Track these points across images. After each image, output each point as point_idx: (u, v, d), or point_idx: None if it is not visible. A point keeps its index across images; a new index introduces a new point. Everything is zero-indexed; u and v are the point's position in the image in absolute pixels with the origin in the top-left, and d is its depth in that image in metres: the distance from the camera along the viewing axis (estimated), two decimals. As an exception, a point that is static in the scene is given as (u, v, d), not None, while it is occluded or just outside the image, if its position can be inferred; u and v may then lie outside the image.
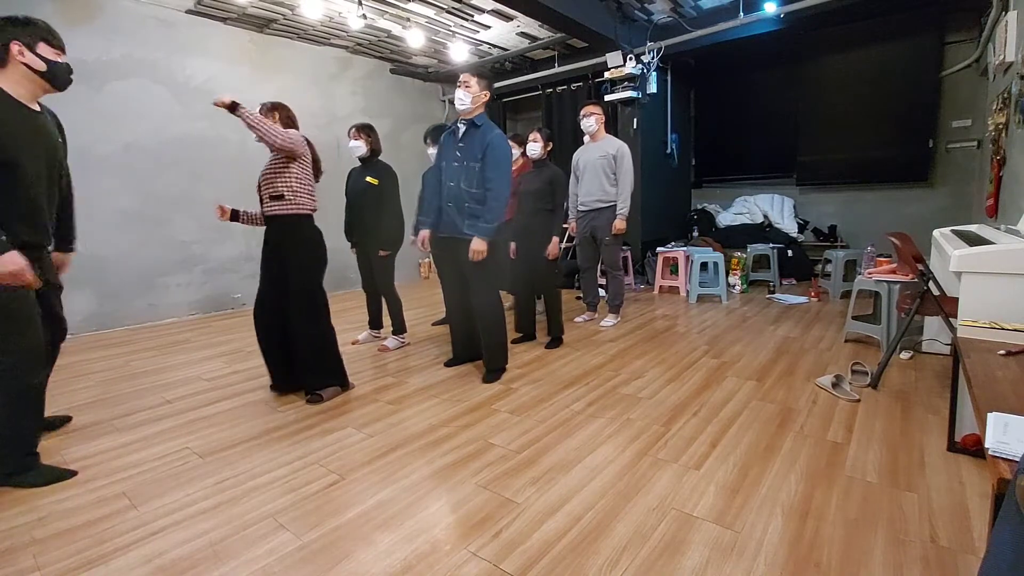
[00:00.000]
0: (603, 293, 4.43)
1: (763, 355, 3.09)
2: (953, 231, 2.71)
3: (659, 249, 5.28)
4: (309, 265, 2.55)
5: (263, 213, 2.56)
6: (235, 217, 2.67)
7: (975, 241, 2.18)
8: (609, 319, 4.07)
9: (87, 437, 2.26)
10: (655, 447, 1.99)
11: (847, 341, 3.29)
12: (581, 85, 6.40)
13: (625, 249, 5.48)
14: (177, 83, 4.69)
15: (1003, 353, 1.48)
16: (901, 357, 2.90)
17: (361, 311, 3.95)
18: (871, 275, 3.14)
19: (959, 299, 1.97)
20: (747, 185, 6.42)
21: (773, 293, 4.89)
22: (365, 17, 4.54)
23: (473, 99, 2.70)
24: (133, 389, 2.88)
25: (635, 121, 5.52)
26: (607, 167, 3.81)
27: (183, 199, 4.73)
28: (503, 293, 3.32)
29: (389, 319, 3.59)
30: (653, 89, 5.50)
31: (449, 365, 3.08)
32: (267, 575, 1.36)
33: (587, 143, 4.03)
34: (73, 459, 2.05)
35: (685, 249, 5.14)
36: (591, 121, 3.92)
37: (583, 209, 3.98)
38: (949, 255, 2.02)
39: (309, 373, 2.56)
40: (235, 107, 2.24)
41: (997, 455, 0.93)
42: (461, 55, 5.74)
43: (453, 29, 5.37)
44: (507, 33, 5.56)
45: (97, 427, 2.36)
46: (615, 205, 3.80)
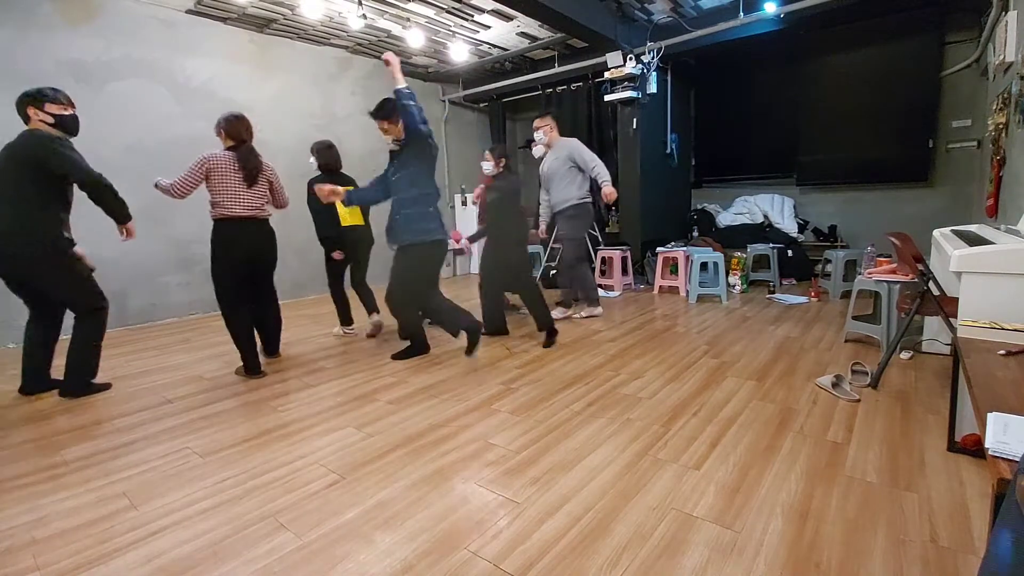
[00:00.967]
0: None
1: (763, 355, 3.09)
2: (953, 231, 2.71)
3: (659, 249, 5.28)
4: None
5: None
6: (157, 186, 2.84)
7: (975, 241, 2.18)
8: (586, 310, 4.25)
9: (87, 437, 2.26)
10: (655, 447, 1.99)
11: (847, 341, 3.29)
12: (581, 85, 6.40)
13: (625, 249, 5.49)
14: (177, 83, 4.69)
15: (1003, 353, 1.48)
16: (901, 357, 2.90)
17: (357, 312, 3.96)
18: (871, 275, 3.14)
19: (959, 299, 1.97)
20: (747, 185, 6.43)
21: (773, 293, 4.89)
22: (365, 17, 4.54)
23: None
24: (133, 389, 2.88)
25: (635, 121, 5.52)
26: (570, 166, 4.08)
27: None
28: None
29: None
30: (653, 89, 5.50)
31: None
32: (267, 575, 1.36)
33: (546, 154, 4.26)
34: (73, 459, 2.05)
35: (685, 249, 5.14)
36: (540, 134, 4.23)
37: (556, 213, 4.23)
38: (949, 255, 2.02)
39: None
40: (157, 185, 2.80)
41: (997, 455, 0.93)
42: (461, 55, 5.74)
43: (453, 29, 5.37)
44: (507, 33, 5.56)
45: (97, 427, 2.36)
46: (583, 203, 4.11)
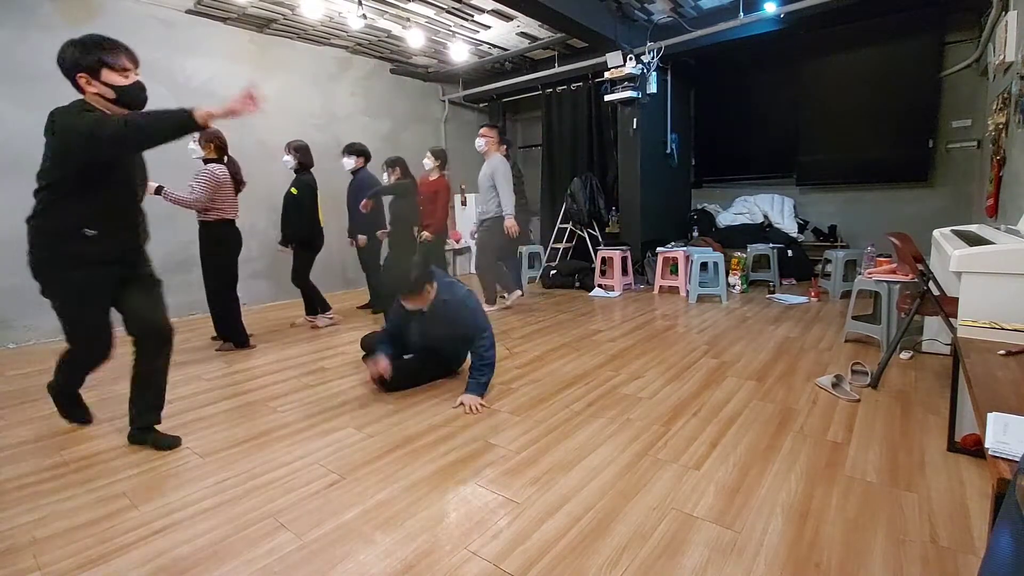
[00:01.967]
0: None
1: (763, 355, 3.09)
2: (953, 231, 2.71)
3: (659, 249, 5.28)
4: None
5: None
6: (159, 192, 3.14)
7: (975, 241, 2.18)
8: (511, 298, 4.66)
9: (87, 437, 2.26)
10: (655, 447, 1.99)
11: (847, 341, 3.29)
12: (581, 85, 6.40)
13: (625, 249, 5.49)
14: (177, 83, 4.69)
15: (1003, 353, 1.48)
16: (901, 357, 2.90)
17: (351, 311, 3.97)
18: (871, 275, 3.14)
19: (959, 299, 1.97)
20: (747, 185, 6.42)
21: (773, 293, 4.89)
22: (365, 17, 4.53)
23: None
24: (133, 389, 2.88)
25: (635, 121, 5.52)
26: (490, 184, 4.35)
27: (183, 199, 4.72)
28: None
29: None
30: (653, 89, 5.50)
31: None
32: (267, 575, 1.36)
33: (484, 163, 4.51)
34: (73, 459, 2.05)
35: (685, 249, 5.14)
36: (480, 142, 4.42)
37: (479, 221, 4.62)
38: (949, 255, 2.02)
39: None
40: (160, 191, 3.07)
41: (997, 455, 0.93)
42: (461, 55, 5.74)
43: (453, 29, 5.37)
44: (507, 33, 5.56)
45: (97, 427, 2.36)
46: (498, 219, 4.39)
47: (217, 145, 3.44)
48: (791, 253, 5.45)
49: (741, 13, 4.74)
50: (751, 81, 6.17)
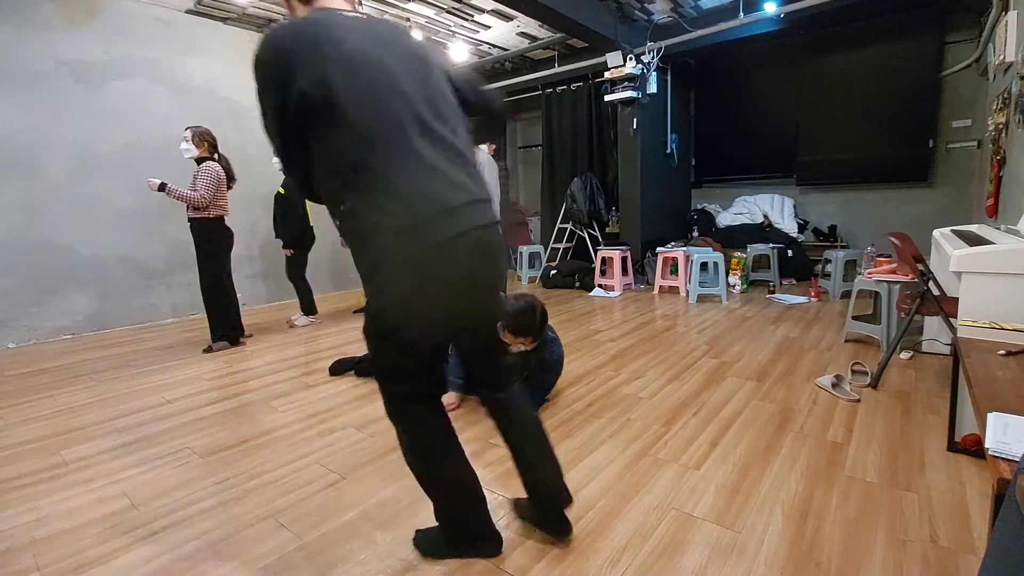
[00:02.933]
0: None
1: (763, 355, 3.09)
2: (953, 231, 2.71)
3: (659, 249, 5.28)
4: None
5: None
6: (162, 188, 3.31)
7: (975, 241, 2.18)
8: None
9: (87, 437, 2.26)
10: (655, 447, 1.99)
11: (847, 341, 3.29)
12: (581, 85, 6.40)
13: (625, 249, 5.49)
14: (177, 83, 4.69)
15: (1003, 353, 1.48)
16: (901, 357, 2.90)
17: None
18: (871, 275, 3.14)
19: (959, 299, 1.97)
20: (747, 185, 6.42)
21: (773, 293, 4.89)
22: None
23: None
24: (133, 389, 2.88)
25: (635, 121, 5.52)
26: None
27: (183, 199, 4.73)
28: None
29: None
30: (653, 89, 5.50)
31: None
32: (267, 575, 1.36)
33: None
34: (73, 459, 2.05)
35: (685, 249, 5.13)
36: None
37: None
38: (949, 255, 2.02)
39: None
40: (163, 187, 3.25)
41: (997, 455, 0.93)
42: (461, 55, 5.74)
43: (453, 29, 5.37)
44: (507, 33, 5.56)
45: (97, 427, 2.36)
46: None
47: (210, 143, 3.52)
48: (791, 253, 5.45)
49: (741, 13, 4.74)
50: (751, 81, 6.17)
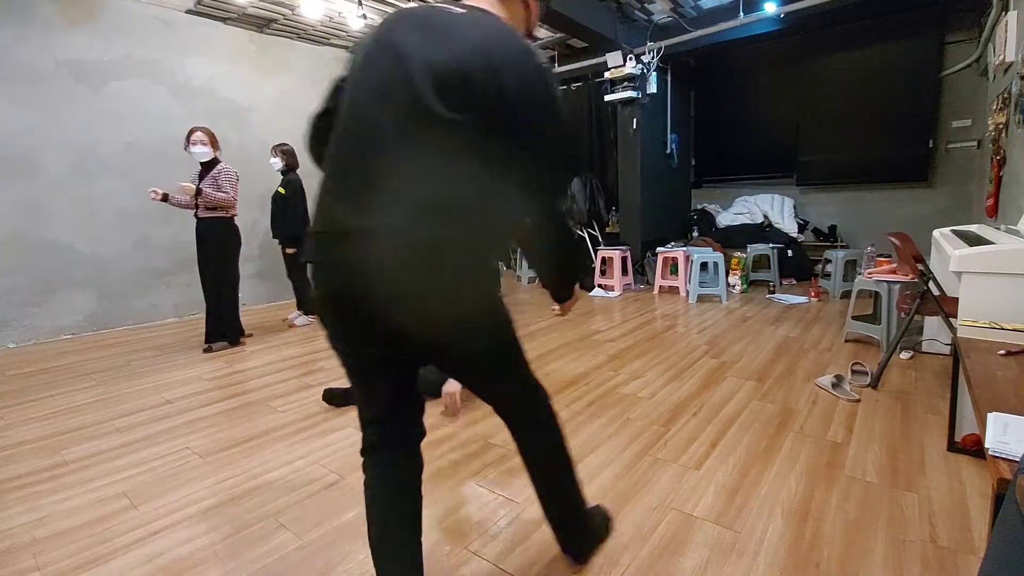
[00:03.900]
0: None
1: (763, 355, 3.09)
2: (953, 231, 2.71)
3: (659, 249, 5.28)
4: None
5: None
6: (165, 199, 3.42)
7: (975, 241, 2.18)
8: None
9: (87, 437, 2.26)
10: (655, 447, 1.99)
11: (847, 341, 3.29)
12: (581, 85, 6.40)
13: (625, 249, 5.49)
14: (177, 83, 4.69)
15: (1003, 353, 1.48)
16: (901, 357, 2.90)
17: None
18: (871, 275, 3.14)
19: (959, 299, 1.97)
20: (747, 185, 6.42)
21: (773, 293, 4.89)
22: (365, 17, 4.53)
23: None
24: (133, 389, 2.88)
25: (635, 121, 5.52)
26: None
27: (183, 199, 4.73)
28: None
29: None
30: (653, 89, 5.50)
31: None
32: (267, 575, 1.36)
33: None
34: (73, 459, 2.05)
35: (685, 249, 5.13)
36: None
37: None
38: (949, 255, 2.02)
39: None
40: (167, 198, 3.40)
41: (997, 455, 0.93)
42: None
43: (453, 29, 5.36)
44: (507, 33, 5.55)
45: (97, 427, 2.36)
46: None
47: (216, 145, 3.59)
48: (791, 253, 5.45)
49: (741, 13, 4.74)
50: (751, 81, 6.17)
